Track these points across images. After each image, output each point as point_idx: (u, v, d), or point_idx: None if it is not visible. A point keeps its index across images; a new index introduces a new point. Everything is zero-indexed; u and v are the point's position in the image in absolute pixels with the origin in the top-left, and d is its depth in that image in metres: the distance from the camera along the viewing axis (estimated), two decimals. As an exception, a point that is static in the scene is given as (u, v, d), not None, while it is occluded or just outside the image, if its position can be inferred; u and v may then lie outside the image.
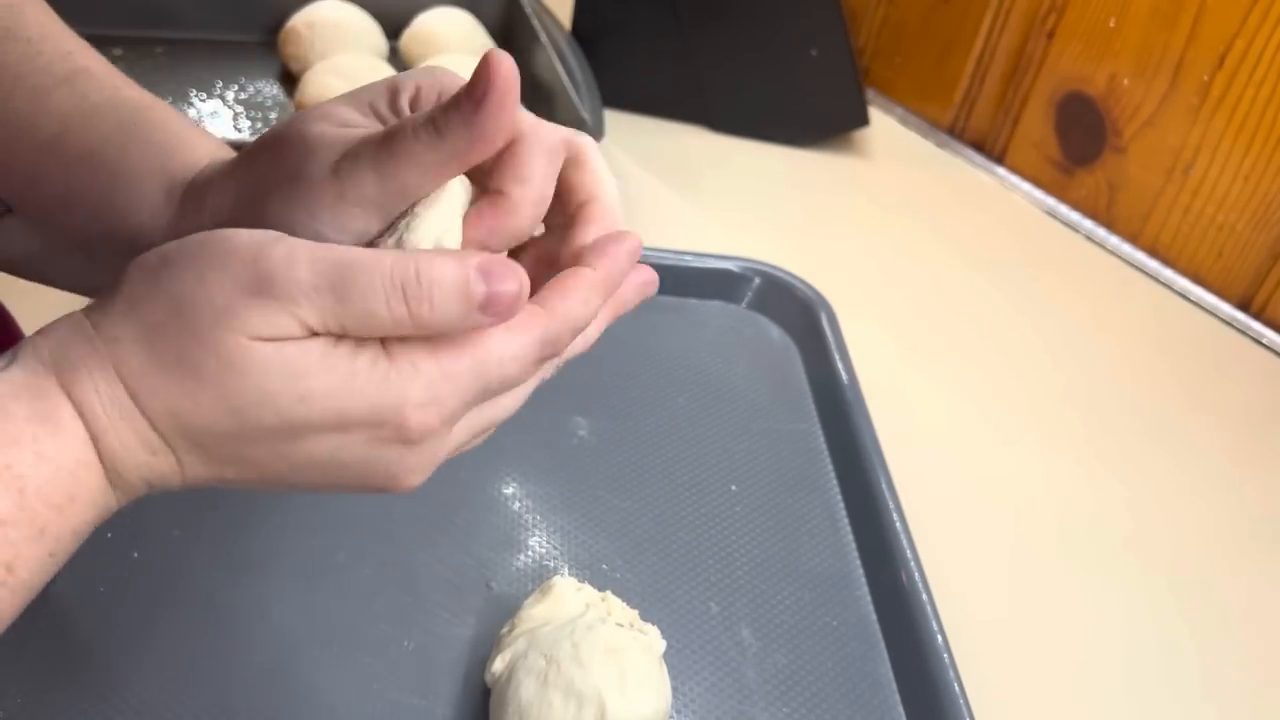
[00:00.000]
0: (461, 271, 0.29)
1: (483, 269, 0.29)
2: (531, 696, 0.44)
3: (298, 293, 0.28)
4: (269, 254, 0.29)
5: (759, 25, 0.97)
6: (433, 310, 0.29)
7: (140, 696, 0.45)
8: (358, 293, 0.28)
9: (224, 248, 0.29)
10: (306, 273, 0.28)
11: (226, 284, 0.28)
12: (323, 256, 0.29)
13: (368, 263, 0.29)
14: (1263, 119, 0.85)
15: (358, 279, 0.29)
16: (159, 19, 0.94)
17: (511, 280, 0.30)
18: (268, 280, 0.28)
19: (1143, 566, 0.65)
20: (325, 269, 0.29)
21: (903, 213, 0.97)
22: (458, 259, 0.29)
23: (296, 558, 0.52)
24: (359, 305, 0.29)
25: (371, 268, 0.29)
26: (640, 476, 0.61)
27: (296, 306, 0.28)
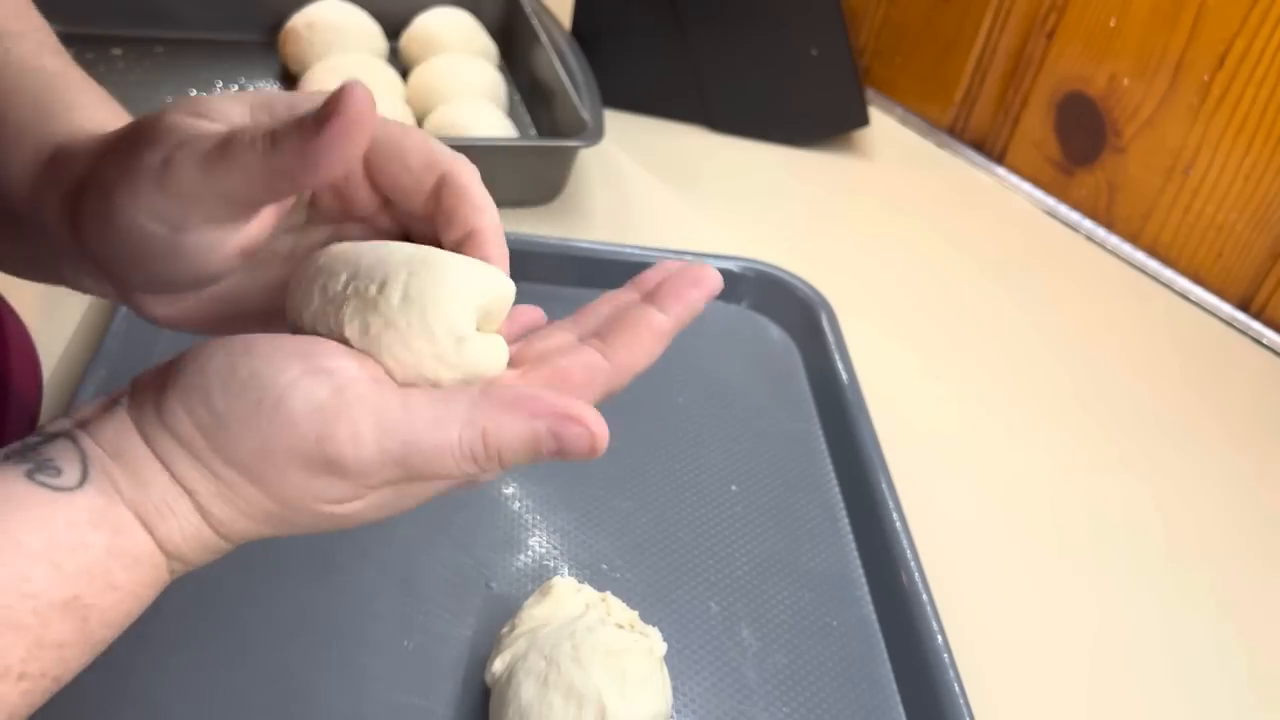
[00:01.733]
0: (531, 435, 0.30)
1: (554, 432, 0.30)
2: (532, 698, 0.44)
3: (367, 471, 0.29)
4: (333, 435, 0.29)
5: (759, 25, 0.97)
6: (502, 465, 0.30)
7: (140, 696, 0.45)
8: (426, 465, 0.29)
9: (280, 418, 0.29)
10: (373, 453, 0.29)
11: (294, 462, 0.29)
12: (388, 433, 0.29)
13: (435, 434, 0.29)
14: (1263, 119, 0.85)
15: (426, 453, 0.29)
16: (159, 19, 0.94)
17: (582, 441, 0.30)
18: (338, 464, 0.29)
19: (1143, 565, 0.65)
20: (391, 447, 0.29)
21: (903, 213, 0.97)
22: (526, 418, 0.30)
23: (296, 558, 0.52)
24: (428, 473, 0.30)
25: (438, 440, 0.29)
26: (640, 476, 0.61)
27: (365, 480, 0.30)
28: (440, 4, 0.99)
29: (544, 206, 0.85)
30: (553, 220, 0.84)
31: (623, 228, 0.85)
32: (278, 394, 0.29)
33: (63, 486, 0.28)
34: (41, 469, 0.28)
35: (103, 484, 0.29)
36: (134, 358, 0.59)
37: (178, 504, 0.30)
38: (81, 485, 0.29)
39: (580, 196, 0.87)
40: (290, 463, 0.29)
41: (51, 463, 0.29)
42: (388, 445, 0.29)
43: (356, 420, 0.29)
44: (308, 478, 0.29)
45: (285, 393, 0.29)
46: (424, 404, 0.30)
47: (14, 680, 0.27)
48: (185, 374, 0.30)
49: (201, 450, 0.29)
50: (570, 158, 0.85)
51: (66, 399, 0.57)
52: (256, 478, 0.29)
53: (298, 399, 0.29)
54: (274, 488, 0.29)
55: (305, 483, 0.29)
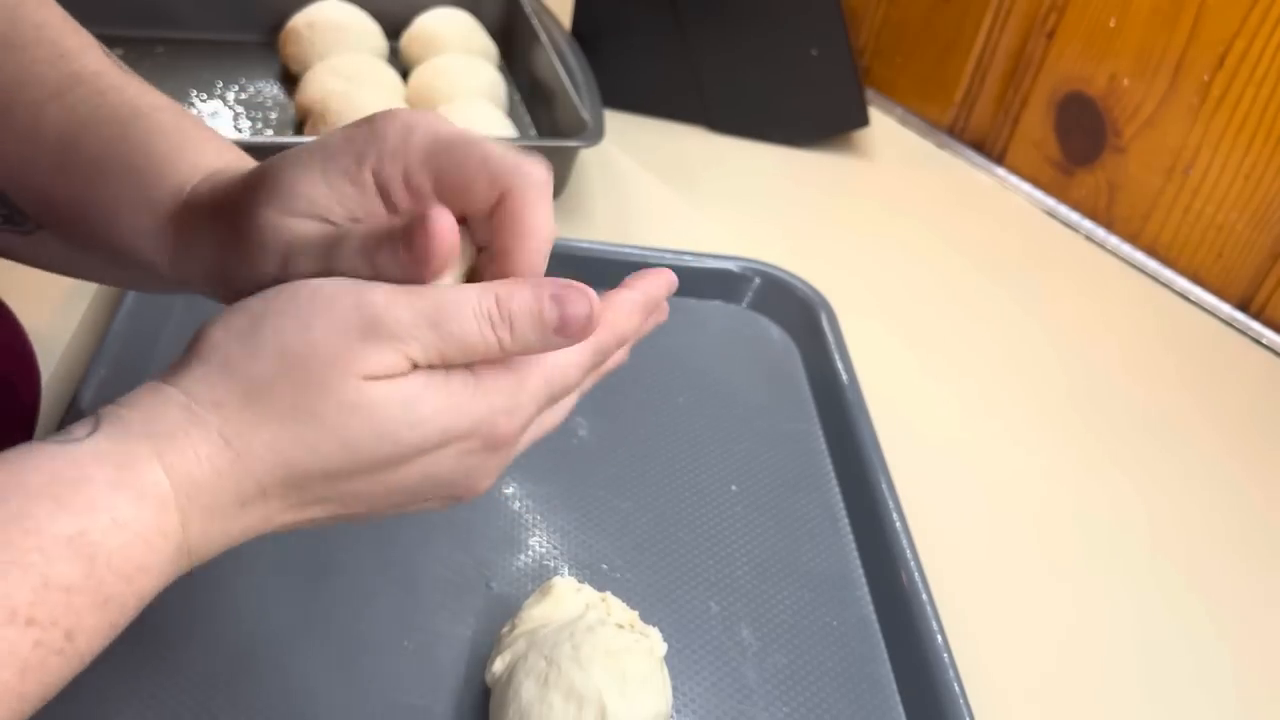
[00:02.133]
0: (536, 299, 0.32)
1: (555, 296, 0.32)
2: (532, 698, 0.44)
3: (403, 331, 0.31)
4: (370, 299, 0.31)
5: (759, 25, 0.97)
6: (513, 334, 0.32)
7: (140, 696, 0.45)
8: (454, 324, 0.31)
9: (321, 295, 0.31)
10: (407, 313, 0.31)
11: (335, 331, 0.30)
12: (417, 296, 0.31)
13: (456, 298, 0.32)
14: (1263, 119, 0.85)
15: (451, 313, 0.31)
16: (159, 19, 0.94)
17: (582, 303, 0.33)
18: (375, 323, 0.31)
19: (1143, 565, 0.65)
20: (423, 307, 0.31)
21: (903, 213, 0.97)
22: (533, 287, 0.33)
23: (297, 558, 0.52)
24: (456, 335, 0.32)
25: (461, 302, 0.32)
26: (640, 476, 0.61)
27: (403, 344, 0.31)
28: (440, 4, 0.99)
29: (544, 206, 0.85)
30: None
31: (623, 228, 0.85)
32: (314, 286, 0.31)
33: (70, 440, 0.29)
34: (55, 436, 0.29)
35: (112, 430, 0.29)
36: (134, 357, 0.59)
37: (193, 425, 0.30)
38: (91, 435, 0.29)
39: (580, 196, 0.87)
40: (330, 335, 0.30)
41: (69, 432, 0.29)
42: (419, 307, 0.31)
43: (390, 291, 0.31)
44: (348, 345, 0.30)
45: (321, 284, 0.31)
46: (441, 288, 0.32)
47: (22, 626, 0.26)
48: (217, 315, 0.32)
49: (235, 355, 0.30)
50: (570, 158, 0.85)
51: (67, 399, 0.57)
52: (292, 361, 0.30)
53: (333, 285, 0.31)
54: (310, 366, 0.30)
55: (347, 351, 0.30)
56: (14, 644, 0.25)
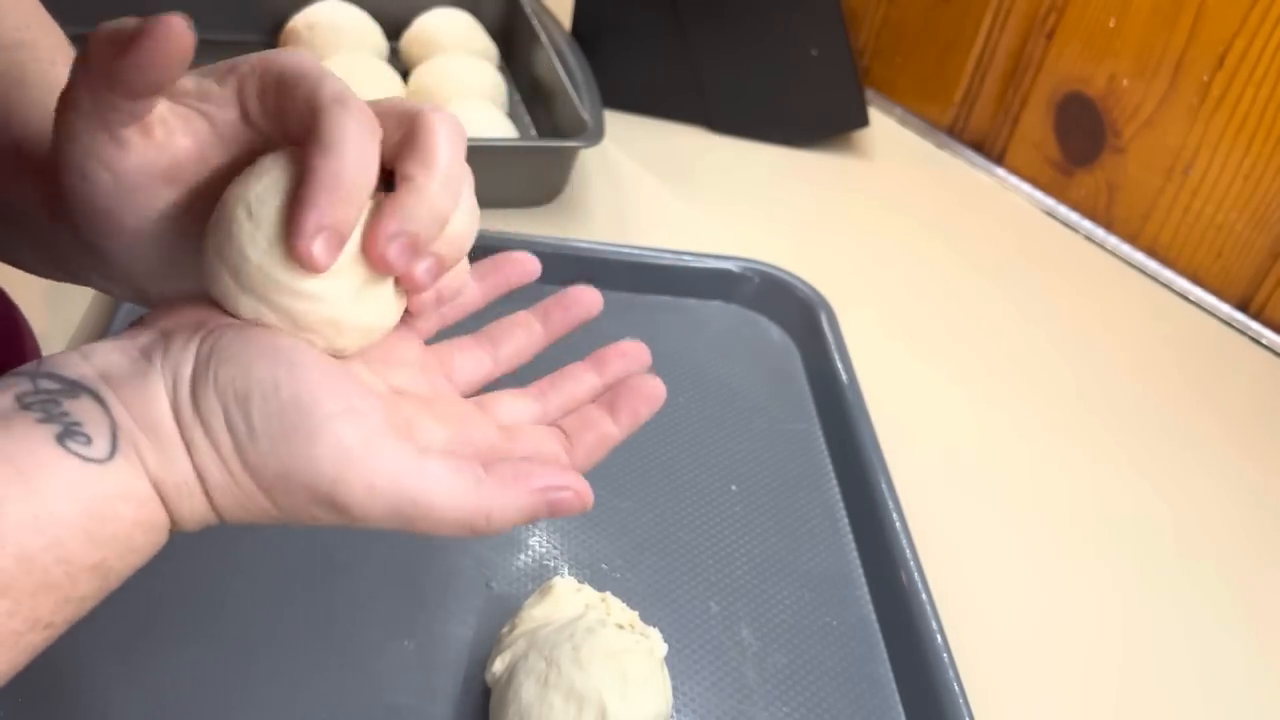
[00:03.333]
0: (530, 507, 0.35)
1: (549, 501, 0.35)
2: (532, 698, 0.44)
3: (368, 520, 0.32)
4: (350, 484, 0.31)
5: (759, 25, 0.97)
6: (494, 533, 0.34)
7: (140, 696, 0.45)
8: (428, 530, 0.32)
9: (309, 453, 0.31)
10: (380, 509, 0.31)
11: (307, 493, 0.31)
12: (398, 495, 0.31)
13: (440, 513, 0.32)
14: (1263, 119, 0.85)
15: (431, 523, 0.32)
16: (159, 19, 0.94)
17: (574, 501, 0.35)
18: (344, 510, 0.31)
19: (1142, 564, 0.66)
20: (400, 509, 0.31)
21: (902, 213, 0.97)
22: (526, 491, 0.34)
23: (297, 558, 0.52)
24: (426, 533, 0.33)
25: (447, 517, 0.32)
26: (640, 476, 0.61)
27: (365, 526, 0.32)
28: (440, 4, 0.99)
29: (544, 207, 0.85)
30: (553, 220, 0.84)
31: (623, 228, 0.85)
32: (313, 427, 0.30)
33: (93, 458, 0.29)
34: (70, 435, 0.29)
35: (130, 456, 0.30)
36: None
37: (194, 488, 0.31)
38: (111, 457, 0.29)
39: (580, 196, 0.87)
40: (303, 491, 0.31)
41: (80, 429, 0.29)
42: (398, 504, 0.31)
43: (374, 475, 0.31)
44: (315, 507, 0.31)
45: (319, 428, 0.30)
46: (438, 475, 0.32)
47: (41, 629, 0.28)
48: (226, 366, 0.31)
49: (227, 452, 0.31)
50: (570, 158, 0.85)
51: (67, 399, 0.57)
52: (268, 490, 0.31)
53: (329, 438, 0.30)
54: (282, 503, 0.32)
55: (311, 509, 0.32)
56: (32, 643, 0.29)
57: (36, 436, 0.28)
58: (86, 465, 0.29)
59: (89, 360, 0.31)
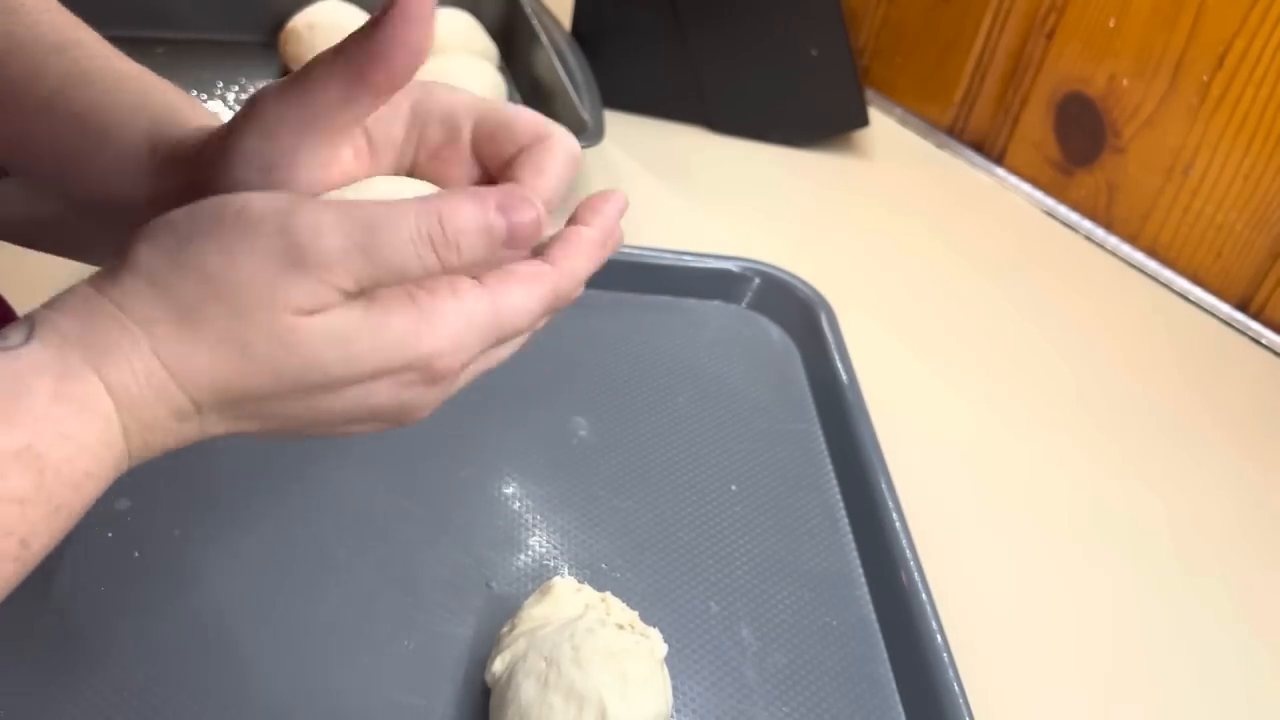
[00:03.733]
0: (483, 213, 0.31)
1: (501, 205, 0.31)
2: (532, 698, 0.44)
3: (331, 260, 0.29)
4: (294, 225, 0.29)
5: (758, 25, 0.97)
6: (460, 255, 0.31)
7: (141, 696, 0.45)
8: (388, 250, 0.29)
9: (243, 221, 0.29)
10: (334, 239, 0.29)
11: (258, 261, 0.29)
12: (347, 218, 0.29)
13: (392, 219, 0.30)
14: (1263, 119, 0.85)
15: (385, 237, 0.29)
16: (159, 19, 0.94)
17: (528, 210, 0.31)
18: (299, 252, 0.29)
19: (1142, 564, 0.66)
20: (352, 231, 0.29)
21: (902, 213, 0.97)
22: (476, 199, 0.31)
23: (297, 557, 0.52)
24: (391, 262, 0.30)
25: (397, 223, 0.30)
26: (640, 476, 0.61)
27: (332, 275, 0.29)
28: (440, 4, 0.99)
29: (544, 207, 0.85)
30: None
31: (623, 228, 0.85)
32: (240, 203, 0.30)
33: (4, 347, 0.28)
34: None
35: (48, 337, 0.29)
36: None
37: (128, 340, 0.29)
38: (26, 343, 0.29)
39: (580, 196, 0.87)
40: (253, 261, 0.29)
41: (3, 336, 0.29)
42: (348, 230, 0.29)
43: (317, 213, 0.29)
44: (272, 278, 0.29)
45: (247, 201, 0.30)
46: (379, 203, 0.30)
47: None
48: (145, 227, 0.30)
49: (161, 274, 0.29)
50: (570, 158, 0.85)
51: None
52: (217, 288, 0.29)
53: (258, 202, 0.30)
54: (235, 295, 0.29)
55: (271, 285, 0.29)
56: None
57: None
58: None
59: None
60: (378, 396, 0.32)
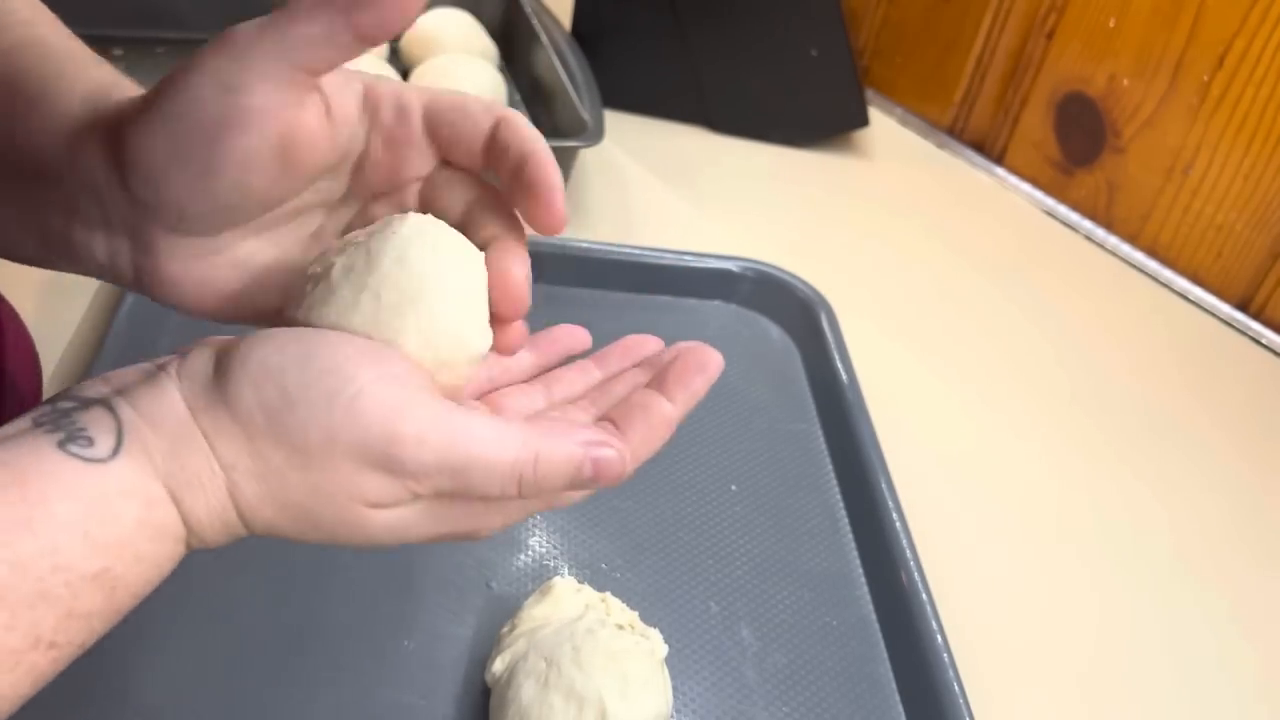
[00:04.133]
0: (575, 464, 0.32)
1: (593, 457, 0.33)
2: (532, 699, 0.44)
3: (421, 474, 0.30)
4: (401, 434, 0.30)
5: (758, 25, 0.97)
6: (539, 493, 0.32)
7: (141, 696, 0.45)
8: (477, 481, 0.31)
9: (354, 413, 0.30)
10: (433, 458, 0.30)
11: (356, 456, 0.30)
12: (450, 443, 0.30)
13: (490, 456, 0.31)
14: (1262, 119, 0.85)
15: (480, 468, 0.31)
16: (159, 19, 0.94)
17: (617, 466, 0.33)
18: (396, 462, 0.30)
19: (1142, 564, 0.66)
20: (451, 457, 0.30)
21: (902, 213, 0.97)
22: (574, 447, 0.32)
23: (297, 558, 0.52)
24: (474, 490, 0.31)
25: (494, 461, 0.31)
26: (640, 476, 0.61)
27: (417, 484, 0.31)
28: (440, 4, 0.99)
29: (544, 207, 0.85)
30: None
31: (623, 228, 0.85)
32: (357, 388, 0.30)
33: (95, 458, 0.28)
34: (74, 439, 0.28)
35: (136, 454, 0.29)
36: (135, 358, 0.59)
37: (210, 480, 0.30)
38: (115, 455, 0.29)
39: (580, 196, 0.87)
40: (349, 455, 0.30)
41: (84, 432, 0.29)
42: (449, 454, 0.30)
43: (424, 425, 0.30)
44: (360, 471, 0.30)
45: (364, 388, 0.30)
46: (484, 424, 0.31)
47: (44, 649, 0.27)
48: (255, 353, 0.30)
49: (257, 428, 0.30)
50: (570, 158, 0.85)
51: (67, 399, 0.57)
52: (307, 463, 0.30)
53: (376, 398, 0.30)
54: (321, 476, 0.30)
55: (355, 477, 0.30)
56: (35, 664, 0.27)
57: (41, 445, 0.28)
58: (87, 466, 0.28)
59: (108, 381, 0.31)
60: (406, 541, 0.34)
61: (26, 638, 0.26)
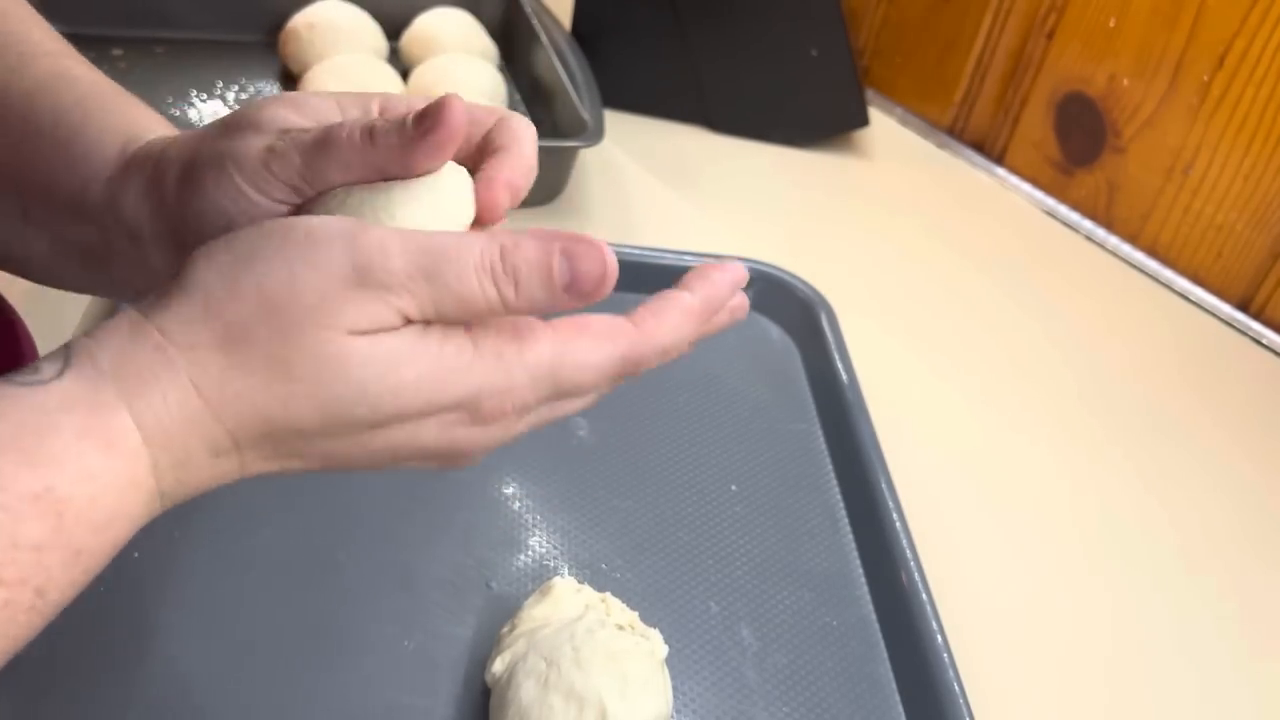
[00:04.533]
0: (545, 252, 0.30)
1: (566, 250, 0.30)
2: (532, 699, 0.44)
3: (394, 282, 0.29)
4: (362, 243, 0.29)
5: (759, 25, 0.97)
6: (517, 291, 0.30)
7: (141, 696, 0.45)
8: (452, 277, 0.29)
9: (311, 238, 0.29)
10: (401, 261, 0.29)
11: (321, 277, 0.28)
12: (413, 243, 0.29)
13: (457, 247, 0.29)
14: (1263, 119, 0.85)
15: (450, 263, 0.29)
16: (159, 19, 0.94)
17: (595, 260, 0.30)
18: (364, 271, 0.29)
19: (1142, 564, 0.66)
20: (418, 256, 0.29)
21: (902, 213, 0.97)
22: (542, 240, 0.30)
23: (297, 558, 0.52)
24: (454, 289, 0.29)
25: (461, 252, 0.29)
26: (640, 476, 0.61)
27: (394, 296, 0.29)
28: (440, 4, 0.99)
29: (544, 206, 0.85)
30: (553, 220, 0.84)
31: (623, 228, 0.85)
32: (308, 226, 0.29)
33: (38, 380, 0.27)
34: (22, 373, 0.27)
35: (83, 369, 0.28)
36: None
37: (164, 369, 0.28)
38: (60, 376, 0.27)
39: (580, 196, 0.87)
40: (315, 277, 0.28)
41: (36, 367, 0.28)
42: (413, 253, 0.29)
43: (386, 235, 0.29)
44: (332, 294, 0.28)
45: (316, 225, 0.30)
46: (447, 233, 0.30)
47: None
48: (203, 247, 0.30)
49: (215, 293, 0.28)
50: (570, 158, 0.85)
51: (67, 399, 0.57)
52: (274, 308, 0.28)
53: (329, 226, 0.29)
54: (293, 316, 0.28)
55: (328, 301, 0.28)
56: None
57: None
58: (27, 389, 0.27)
59: None
60: (425, 436, 0.31)
61: None
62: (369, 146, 0.31)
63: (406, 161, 0.32)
